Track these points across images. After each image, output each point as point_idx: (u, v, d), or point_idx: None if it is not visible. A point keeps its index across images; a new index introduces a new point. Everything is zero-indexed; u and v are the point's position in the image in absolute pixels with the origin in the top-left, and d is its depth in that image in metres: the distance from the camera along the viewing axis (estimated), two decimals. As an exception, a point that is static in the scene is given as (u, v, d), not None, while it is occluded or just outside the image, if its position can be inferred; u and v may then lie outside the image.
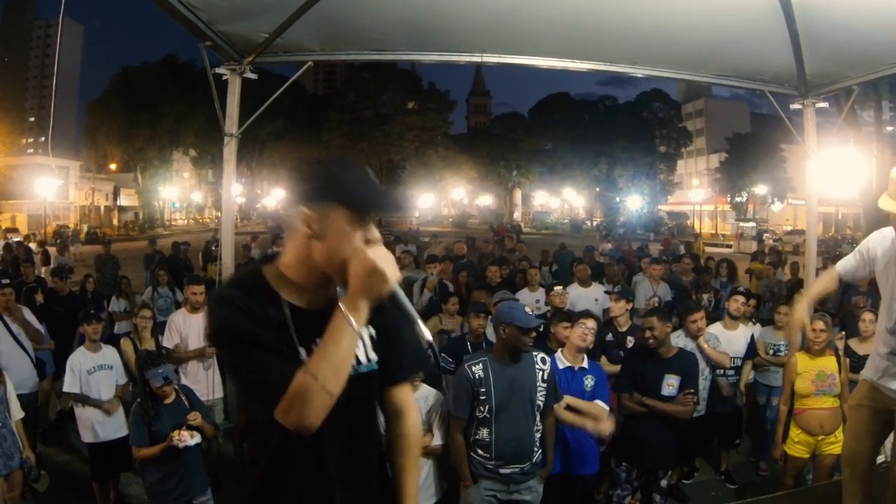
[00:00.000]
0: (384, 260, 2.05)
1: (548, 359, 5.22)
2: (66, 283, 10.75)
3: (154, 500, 5.50)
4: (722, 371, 7.50)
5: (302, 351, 2.16)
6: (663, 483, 5.92)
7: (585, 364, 5.79)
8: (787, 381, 6.36)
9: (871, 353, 4.42)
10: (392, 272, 2.06)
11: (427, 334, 2.20)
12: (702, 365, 7.03)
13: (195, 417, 5.48)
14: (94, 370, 6.73)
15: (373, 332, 2.36)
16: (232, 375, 2.33)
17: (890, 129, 46.75)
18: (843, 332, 8.01)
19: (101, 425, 6.63)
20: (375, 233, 2.16)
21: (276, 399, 1.99)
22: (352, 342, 2.06)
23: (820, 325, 6.25)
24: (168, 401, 5.47)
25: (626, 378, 5.86)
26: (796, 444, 6.24)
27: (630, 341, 7.08)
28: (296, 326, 2.18)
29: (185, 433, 5.22)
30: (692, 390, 5.83)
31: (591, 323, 5.79)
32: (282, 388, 1.98)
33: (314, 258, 2.15)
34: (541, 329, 7.59)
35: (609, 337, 7.51)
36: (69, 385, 6.63)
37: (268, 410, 2.01)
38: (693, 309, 7.38)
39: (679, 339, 7.19)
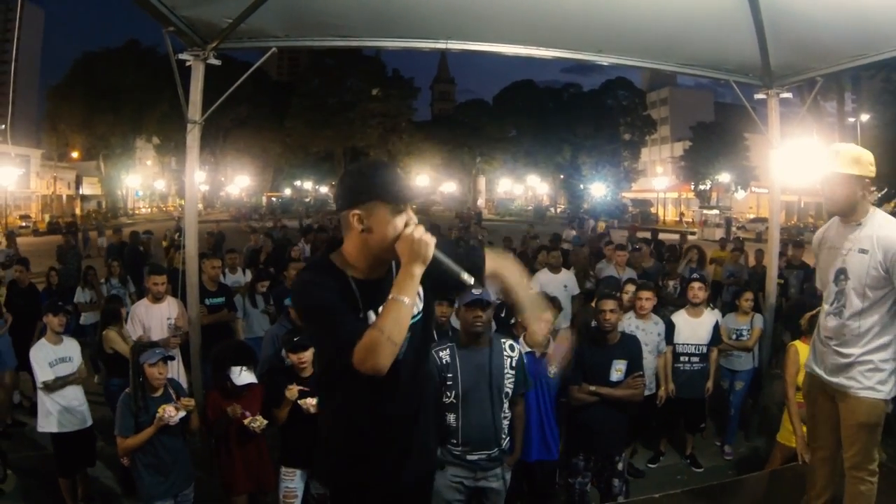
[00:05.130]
0: (421, 232, 2.66)
1: (516, 346, 5.21)
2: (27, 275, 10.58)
3: (143, 496, 5.44)
4: (686, 358, 7.60)
5: (371, 314, 2.78)
6: (619, 466, 5.96)
7: (550, 350, 5.78)
8: (790, 374, 5.95)
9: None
10: (429, 240, 2.67)
11: (471, 280, 2.83)
12: (649, 346, 7.18)
13: (189, 402, 5.45)
14: (56, 363, 6.63)
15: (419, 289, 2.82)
16: (318, 340, 2.93)
17: (852, 119, 47.45)
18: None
19: (65, 416, 6.53)
20: (413, 216, 2.75)
21: (352, 349, 2.55)
22: (410, 303, 2.65)
23: None
24: (157, 393, 5.42)
25: (573, 368, 5.80)
26: (794, 435, 5.94)
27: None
28: (361, 295, 2.79)
29: (170, 408, 5.18)
30: (640, 372, 5.88)
31: (548, 316, 5.75)
32: (357, 340, 2.55)
33: (369, 247, 2.75)
34: (502, 315, 7.63)
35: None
36: (42, 376, 6.51)
37: (346, 360, 2.56)
38: (644, 287, 7.63)
39: (631, 321, 7.37)
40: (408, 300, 2.63)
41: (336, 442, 3.03)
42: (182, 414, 5.28)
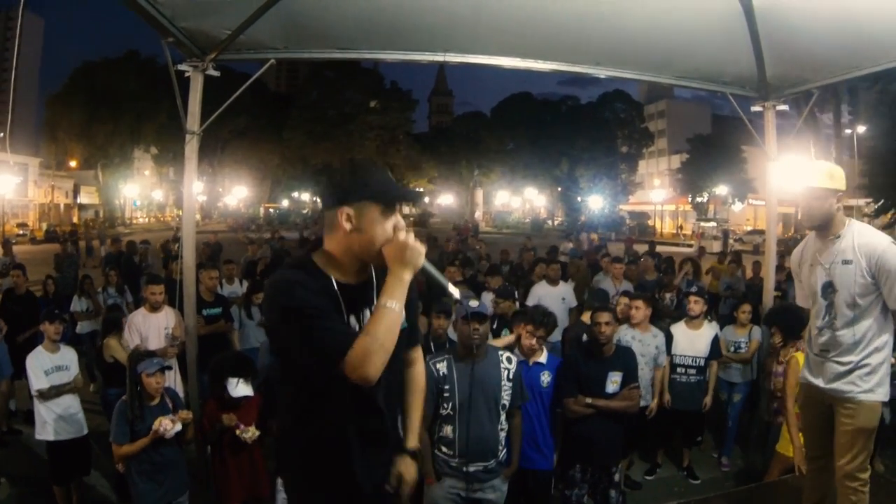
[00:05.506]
0: (413, 239, 2.61)
1: (514, 358, 5.22)
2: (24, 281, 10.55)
3: (137, 503, 5.43)
4: (683, 370, 7.60)
5: (352, 319, 2.73)
6: (616, 477, 5.96)
7: (542, 359, 5.82)
8: (790, 386, 5.90)
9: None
10: (421, 248, 2.63)
11: (456, 294, 2.93)
12: (646, 358, 7.24)
13: (187, 415, 5.47)
14: (52, 371, 6.62)
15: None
16: (293, 344, 2.63)
17: (848, 131, 47.61)
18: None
19: (61, 424, 6.52)
20: (401, 221, 2.69)
21: (342, 357, 2.44)
22: (400, 309, 2.57)
23: None
24: (154, 402, 5.42)
25: (568, 381, 5.79)
26: (792, 445, 6.00)
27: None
28: (343, 299, 2.68)
29: (166, 421, 5.19)
30: (635, 384, 5.93)
31: (540, 333, 5.79)
32: (347, 347, 2.44)
33: (356, 247, 2.66)
34: (494, 326, 7.63)
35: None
36: (37, 384, 6.50)
37: (336, 367, 2.45)
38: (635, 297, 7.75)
39: (628, 332, 7.40)
40: (398, 306, 2.55)
41: (303, 456, 2.86)
42: (178, 428, 5.29)
